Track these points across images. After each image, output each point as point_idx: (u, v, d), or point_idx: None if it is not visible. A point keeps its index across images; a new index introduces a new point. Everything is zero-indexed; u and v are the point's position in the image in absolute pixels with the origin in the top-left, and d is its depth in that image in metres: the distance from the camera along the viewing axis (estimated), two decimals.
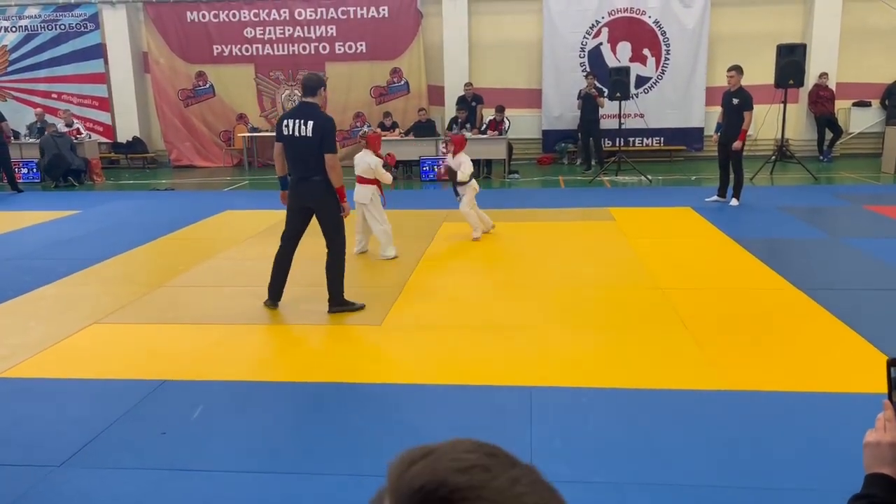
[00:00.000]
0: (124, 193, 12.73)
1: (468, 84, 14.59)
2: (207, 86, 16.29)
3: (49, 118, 14.67)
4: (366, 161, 7.21)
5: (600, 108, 14.06)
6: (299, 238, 5.72)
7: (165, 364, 4.66)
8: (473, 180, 8.06)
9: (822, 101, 14.51)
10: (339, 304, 5.61)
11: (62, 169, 13.35)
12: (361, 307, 5.66)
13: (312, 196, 5.47)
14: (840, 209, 9.61)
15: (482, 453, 0.65)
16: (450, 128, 13.77)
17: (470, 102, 14.17)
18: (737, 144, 9.75)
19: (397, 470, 0.65)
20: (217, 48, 16.03)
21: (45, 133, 13.53)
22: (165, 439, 3.66)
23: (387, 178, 7.36)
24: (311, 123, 5.29)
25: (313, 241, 5.83)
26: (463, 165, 7.88)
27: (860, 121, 15.11)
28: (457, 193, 8.08)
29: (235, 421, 3.87)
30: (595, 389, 4.16)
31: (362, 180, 7.22)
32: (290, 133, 5.36)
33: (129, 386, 4.30)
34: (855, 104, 15.05)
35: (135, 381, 4.36)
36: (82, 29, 16.26)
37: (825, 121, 14.61)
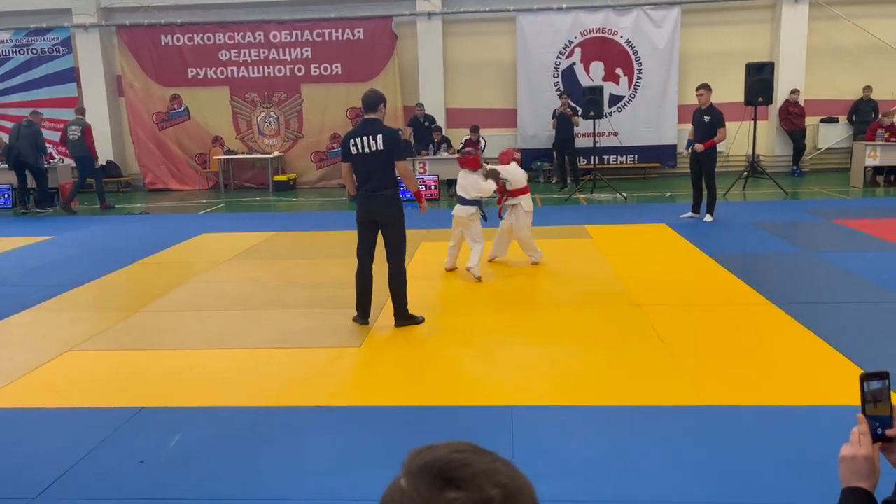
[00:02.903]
0: (99, 218, 12.59)
1: (419, 105, 14.81)
2: (182, 109, 16.23)
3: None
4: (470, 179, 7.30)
5: (575, 127, 14.21)
6: (374, 252, 5.80)
7: (142, 391, 4.61)
8: None
9: (792, 116, 14.79)
10: (404, 317, 5.76)
11: (13, 158, 12.75)
12: (422, 321, 5.80)
13: (382, 211, 5.62)
14: (811, 224, 9.77)
15: (470, 446, 0.89)
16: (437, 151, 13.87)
17: (423, 122, 14.32)
18: (699, 146, 9.91)
19: (409, 458, 0.88)
20: (192, 71, 16.00)
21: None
22: (143, 468, 3.61)
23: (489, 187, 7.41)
24: (380, 137, 5.48)
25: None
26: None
27: (828, 136, 15.41)
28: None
29: (214, 448, 3.82)
30: (575, 407, 4.18)
31: (464, 201, 7.32)
32: (361, 150, 5.51)
33: (106, 414, 4.24)
34: (822, 120, 15.35)
35: (111, 409, 4.30)
36: (55, 53, 16.16)
37: (798, 135, 14.87)
